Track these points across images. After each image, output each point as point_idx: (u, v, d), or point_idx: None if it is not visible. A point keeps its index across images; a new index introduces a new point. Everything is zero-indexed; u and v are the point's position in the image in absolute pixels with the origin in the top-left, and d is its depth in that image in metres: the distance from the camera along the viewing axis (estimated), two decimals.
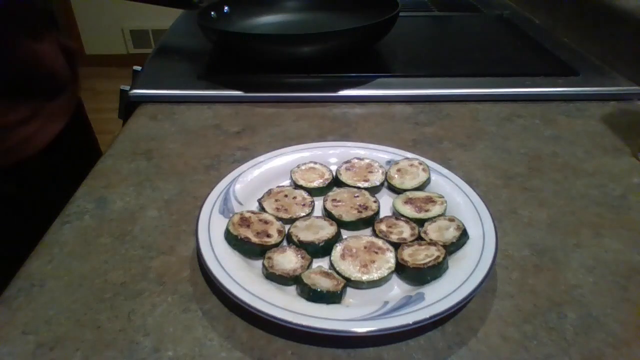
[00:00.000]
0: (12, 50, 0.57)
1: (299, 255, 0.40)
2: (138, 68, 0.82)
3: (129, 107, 0.69)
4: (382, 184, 0.50)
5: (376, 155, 0.53)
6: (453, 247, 0.41)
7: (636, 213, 0.48)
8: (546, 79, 0.72)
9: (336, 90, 0.70)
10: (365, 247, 0.41)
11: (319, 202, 0.48)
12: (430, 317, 0.34)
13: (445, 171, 0.50)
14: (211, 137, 0.61)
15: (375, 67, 0.79)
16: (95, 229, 0.46)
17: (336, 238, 0.42)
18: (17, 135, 0.59)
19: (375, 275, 0.38)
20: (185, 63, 0.79)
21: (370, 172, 0.51)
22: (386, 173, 0.51)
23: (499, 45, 0.88)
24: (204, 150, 0.58)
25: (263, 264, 0.40)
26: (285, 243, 0.43)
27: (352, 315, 0.34)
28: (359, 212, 0.45)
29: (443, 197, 0.46)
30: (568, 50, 0.84)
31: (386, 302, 0.36)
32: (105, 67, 3.12)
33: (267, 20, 0.89)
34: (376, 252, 0.40)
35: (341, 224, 0.44)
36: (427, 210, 0.45)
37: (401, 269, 0.39)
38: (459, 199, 0.46)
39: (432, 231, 0.43)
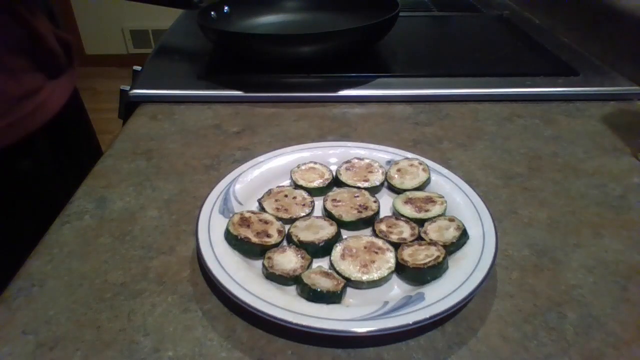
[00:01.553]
0: (11, 22, 0.58)
1: (299, 255, 0.40)
2: (138, 68, 0.82)
3: (129, 107, 0.69)
4: (382, 184, 0.50)
5: (376, 155, 0.53)
6: (453, 247, 0.41)
7: (636, 213, 0.48)
8: (546, 79, 0.72)
9: (336, 90, 0.70)
10: (365, 247, 0.41)
11: (319, 202, 0.48)
12: (430, 317, 0.34)
13: (445, 171, 0.50)
14: (211, 137, 0.61)
15: (375, 67, 0.79)
16: (95, 229, 0.46)
17: (336, 238, 0.42)
18: (29, 105, 0.61)
19: (375, 275, 0.38)
20: (185, 63, 0.79)
21: (370, 172, 0.51)
22: (386, 173, 0.51)
23: (499, 45, 0.88)
24: (204, 150, 0.58)
25: (263, 264, 0.40)
26: (285, 243, 0.43)
27: (352, 315, 0.34)
28: (359, 212, 0.45)
29: (443, 197, 0.46)
30: (568, 50, 0.84)
31: (386, 302, 0.36)
32: (105, 67, 3.12)
33: (267, 20, 0.89)
34: (376, 252, 0.40)
35: (341, 224, 0.44)
36: (427, 210, 0.45)
37: (401, 269, 0.39)
38: (459, 199, 0.46)
39: (432, 231, 0.43)
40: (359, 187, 0.49)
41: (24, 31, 0.61)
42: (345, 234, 0.44)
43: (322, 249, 0.41)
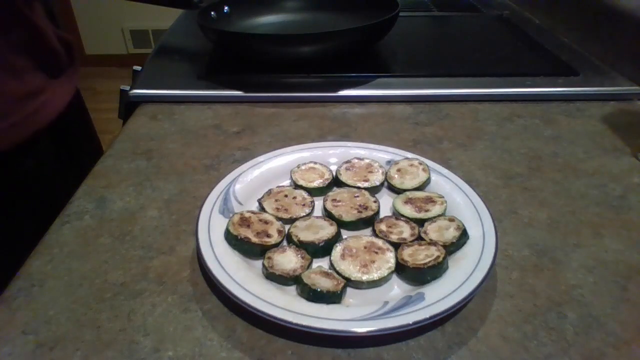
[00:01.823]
0: (15, 22, 0.59)
1: (299, 255, 0.40)
2: (138, 68, 0.82)
3: (129, 107, 0.69)
4: (382, 184, 0.50)
5: (376, 155, 0.53)
6: (453, 247, 0.41)
7: (636, 213, 0.48)
8: (546, 79, 0.72)
9: (336, 90, 0.70)
10: (365, 247, 0.41)
11: (319, 202, 0.48)
12: (430, 317, 0.34)
13: (445, 171, 0.50)
14: (211, 137, 0.61)
15: (375, 67, 0.79)
16: (95, 229, 0.46)
17: (336, 238, 0.42)
18: (32, 105, 0.61)
19: (375, 275, 0.38)
20: (185, 63, 0.79)
21: (370, 172, 0.51)
22: (386, 173, 0.51)
23: (499, 45, 0.88)
24: (204, 150, 0.58)
25: (263, 264, 0.40)
26: (285, 243, 0.43)
27: (352, 315, 0.34)
28: (359, 212, 0.45)
29: (443, 197, 0.46)
30: (568, 50, 0.84)
31: (386, 302, 0.36)
32: (105, 67, 3.12)
33: (267, 20, 0.89)
34: (376, 252, 0.40)
35: (341, 224, 0.44)
36: (427, 210, 0.45)
37: (401, 269, 0.39)
38: (459, 199, 0.46)
39: (432, 231, 0.43)
40: (359, 187, 0.49)
41: (27, 30, 0.60)
42: (345, 234, 0.44)
43: (322, 249, 0.41)
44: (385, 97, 0.70)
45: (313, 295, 0.36)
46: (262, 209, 0.46)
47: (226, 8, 0.85)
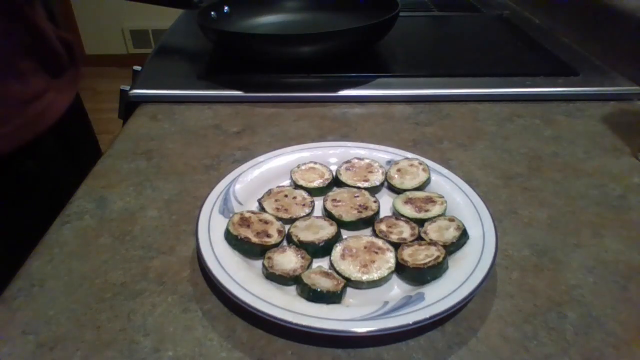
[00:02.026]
0: (13, 18, 0.59)
1: (299, 255, 0.40)
2: (138, 68, 0.82)
3: (129, 107, 0.69)
4: (382, 184, 0.50)
5: (376, 155, 0.53)
6: (453, 247, 0.41)
7: (636, 213, 0.48)
8: (546, 79, 0.72)
9: (336, 90, 0.70)
10: (365, 247, 0.41)
11: (319, 202, 0.48)
12: (430, 317, 0.34)
13: (445, 171, 0.50)
14: (211, 137, 0.61)
15: (375, 67, 0.79)
16: (95, 229, 0.46)
17: (336, 238, 0.42)
18: (35, 108, 0.61)
19: (375, 275, 0.38)
20: (185, 63, 0.79)
21: (370, 172, 0.51)
22: (386, 173, 0.51)
23: (499, 45, 0.88)
24: (204, 150, 0.58)
25: (263, 264, 0.40)
26: (285, 243, 0.43)
27: (352, 315, 0.34)
28: (359, 212, 0.45)
29: (443, 197, 0.46)
30: (568, 50, 0.84)
31: (386, 302, 0.36)
32: (105, 67, 3.12)
33: (267, 20, 0.89)
34: (376, 252, 0.40)
35: (341, 224, 0.44)
36: (427, 210, 0.45)
37: (401, 269, 0.39)
38: (459, 199, 0.46)
39: (432, 231, 0.43)
40: (359, 187, 0.49)
41: (28, 31, 0.60)
42: (345, 234, 0.44)
43: (322, 249, 0.41)
44: (385, 97, 0.70)
45: (313, 295, 0.36)
46: (262, 209, 0.46)
47: (226, 8, 0.85)
